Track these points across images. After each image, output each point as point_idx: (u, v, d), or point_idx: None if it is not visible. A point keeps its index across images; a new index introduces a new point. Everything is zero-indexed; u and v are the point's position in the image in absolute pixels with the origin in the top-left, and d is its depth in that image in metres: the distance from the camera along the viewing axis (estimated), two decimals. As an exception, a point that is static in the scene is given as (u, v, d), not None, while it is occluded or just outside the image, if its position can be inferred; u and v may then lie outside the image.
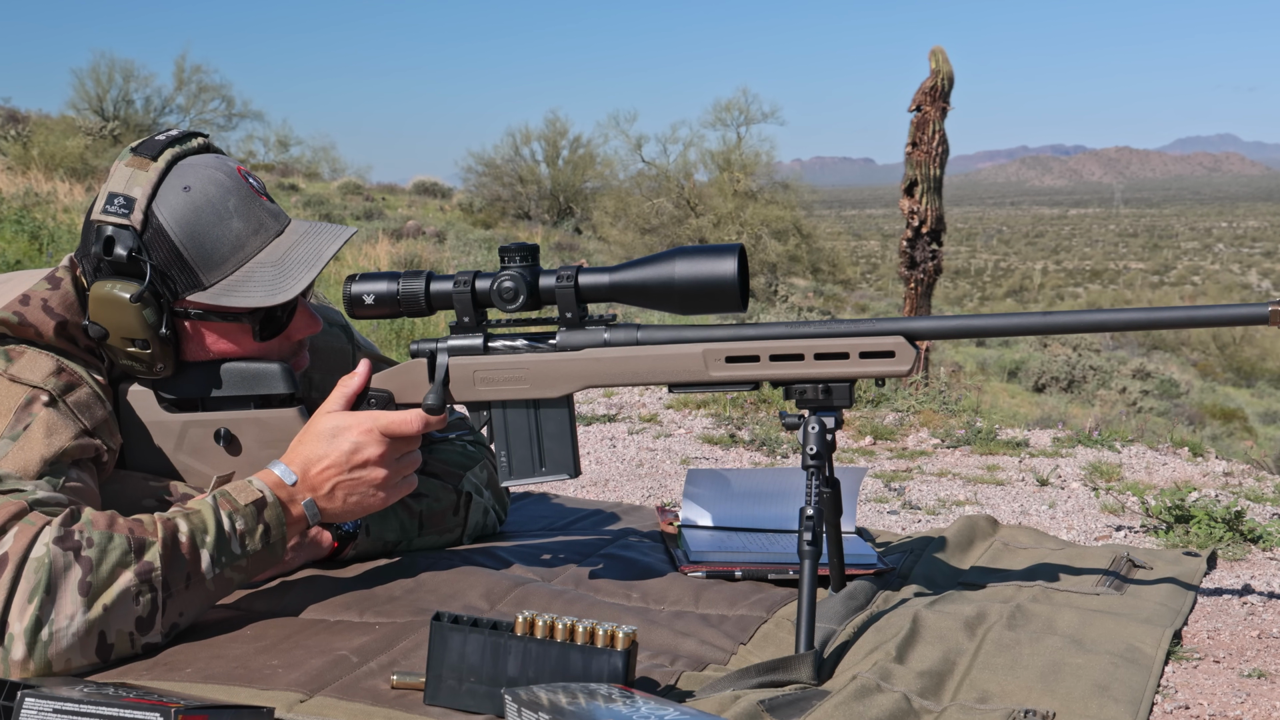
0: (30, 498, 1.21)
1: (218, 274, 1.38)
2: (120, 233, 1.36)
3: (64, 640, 1.16)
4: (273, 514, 1.32)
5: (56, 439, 1.28)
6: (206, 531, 1.26)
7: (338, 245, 1.41)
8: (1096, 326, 1.34)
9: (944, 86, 6.43)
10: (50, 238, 7.58)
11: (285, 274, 1.38)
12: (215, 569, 1.26)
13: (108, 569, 1.18)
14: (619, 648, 1.10)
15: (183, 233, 1.37)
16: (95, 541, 1.19)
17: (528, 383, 1.39)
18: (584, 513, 2.00)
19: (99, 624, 1.17)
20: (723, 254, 1.32)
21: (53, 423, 1.29)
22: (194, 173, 1.39)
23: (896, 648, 1.25)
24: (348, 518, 1.39)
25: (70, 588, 1.16)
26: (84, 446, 1.32)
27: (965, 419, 3.28)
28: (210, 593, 1.28)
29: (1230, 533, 2.00)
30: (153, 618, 1.22)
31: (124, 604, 1.19)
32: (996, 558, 1.75)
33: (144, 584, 1.20)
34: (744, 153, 20.46)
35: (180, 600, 1.24)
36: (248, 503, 1.30)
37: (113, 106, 22.48)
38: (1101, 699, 1.16)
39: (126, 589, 1.19)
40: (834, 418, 1.35)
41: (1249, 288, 40.28)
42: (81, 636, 1.16)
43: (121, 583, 1.19)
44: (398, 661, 1.22)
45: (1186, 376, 13.29)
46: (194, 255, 1.37)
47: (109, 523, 1.21)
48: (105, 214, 1.36)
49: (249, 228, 1.40)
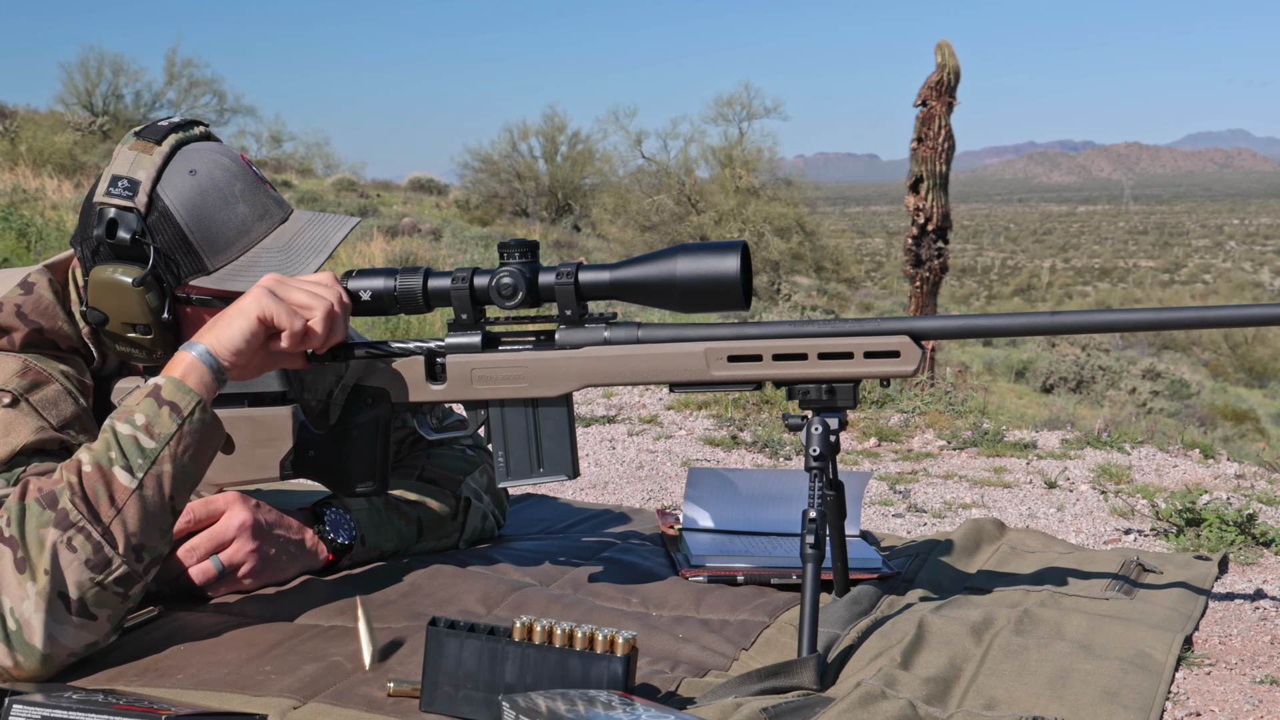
0: None
1: (223, 258, 1.37)
2: (124, 215, 1.34)
3: (32, 621, 1.14)
4: (170, 390, 1.23)
5: (14, 437, 1.27)
6: (109, 449, 1.21)
7: (344, 232, 1.40)
8: (1106, 327, 1.32)
9: (950, 81, 6.41)
10: (38, 235, 7.55)
11: (292, 259, 1.37)
12: (137, 475, 1.20)
13: (32, 537, 1.16)
14: (619, 653, 1.09)
15: (189, 216, 1.35)
16: (12, 518, 1.17)
17: (526, 381, 1.37)
18: (583, 515, 1.98)
19: (52, 588, 1.15)
20: (725, 251, 1.31)
21: (10, 421, 1.28)
22: (199, 157, 1.38)
23: (901, 653, 1.23)
24: (247, 366, 1.28)
25: (8, 571, 1.15)
26: (47, 440, 1.30)
27: (971, 420, 3.25)
28: (153, 499, 1.21)
29: (1242, 536, 1.98)
30: (101, 553, 1.17)
31: (63, 557, 1.16)
32: (1004, 562, 1.73)
33: (67, 529, 1.16)
34: (746, 148, 20.37)
35: (122, 523, 1.18)
36: (141, 398, 1.24)
37: (102, 101, 22.33)
38: (1111, 705, 1.15)
39: (54, 543, 1.16)
40: (838, 419, 1.33)
41: (1261, 286, 40.13)
42: (45, 609, 1.14)
43: (48, 540, 1.16)
44: (393, 667, 1.21)
45: (1197, 377, 13.24)
46: (199, 239, 1.35)
47: (21, 494, 1.19)
48: (109, 196, 1.35)
49: (254, 213, 1.39)
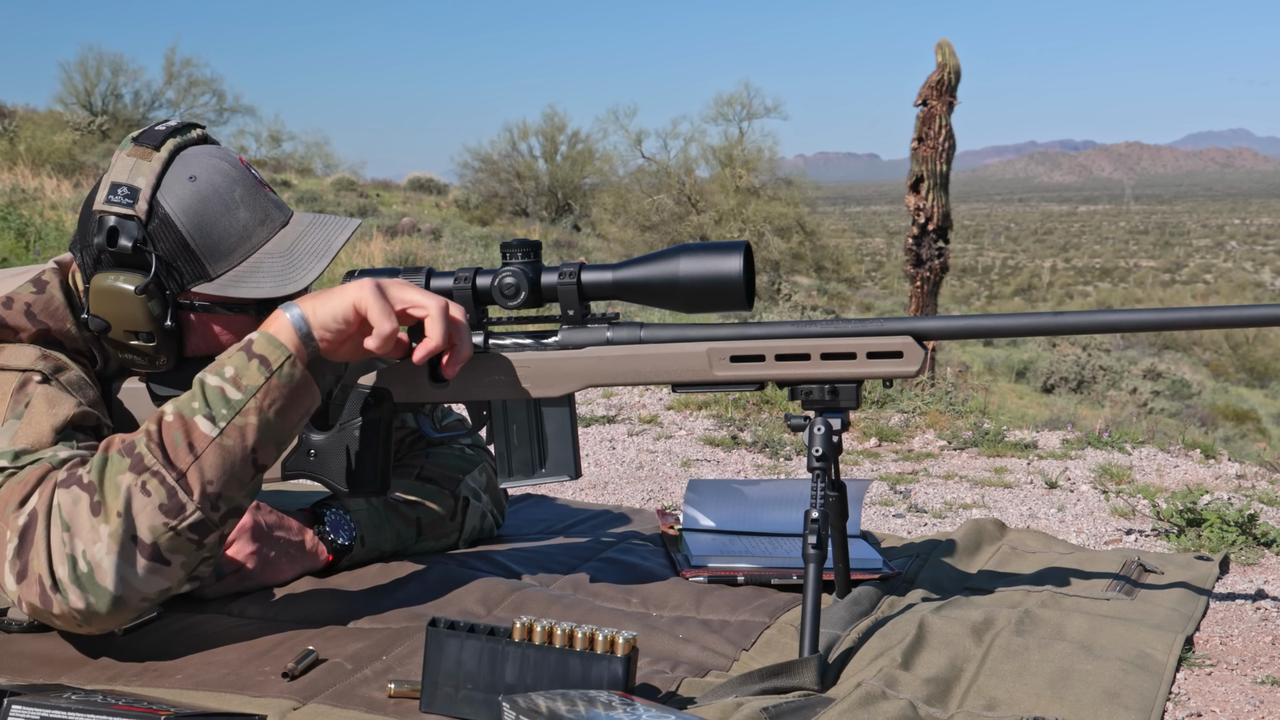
0: (53, 460, 1.21)
1: (225, 264, 1.36)
2: (124, 223, 1.34)
3: (103, 564, 1.14)
4: (262, 344, 1.23)
5: (60, 409, 1.28)
6: (194, 399, 1.21)
7: (346, 236, 1.40)
8: (1107, 327, 1.32)
9: (951, 80, 6.40)
10: (37, 235, 7.52)
11: (295, 264, 1.36)
12: (218, 424, 1.20)
13: (109, 482, 1.17)
14: (619, 654, 1.09)
15: (190, 222, 1.35)
16: (94, 466, 1.18)
17: (529, 381, 1.37)
18: (583, 516, 1.98)
19: (125, 531, 1.15)
20: (728, 251, 1.30)
21: (51, 395, 1.29)
22: (198, 162, 1.37)
23: (902, 654, 1.23)
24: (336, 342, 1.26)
25: (83, 515, 1.16)
26: (86, 414, 1.31)
27: (972, 420, 3.25)
28: (234, 448, 1.20)
29: (1243, 536, 1.97)
30: (175, 499, 1.17)
31: (135, 501, 1.16)
32: (1004, 562, 1.73)
33: (142, 473, 1.17)
34: (746, 148, 20.32)
35: (198, 470, 1.18)
36: (233, 353, 1.24)
37: (101, 101, 22.24)
38: (1112, 706, 1.15)
39: (129, 487, 1.17)
40: (840, 419, 1.33)
41: (1262, 286, 40.09)
42: (117, 552, 1.15)
43: (123, 484, 1.17)
44: (392, 668, 1.21)
45: (1198, 377, 13.23)
46: (201, 245, 1.35)
47: (104, 447, 1.21)
48: (109, 204, 1.34)
49: (255, 218, 1.38)
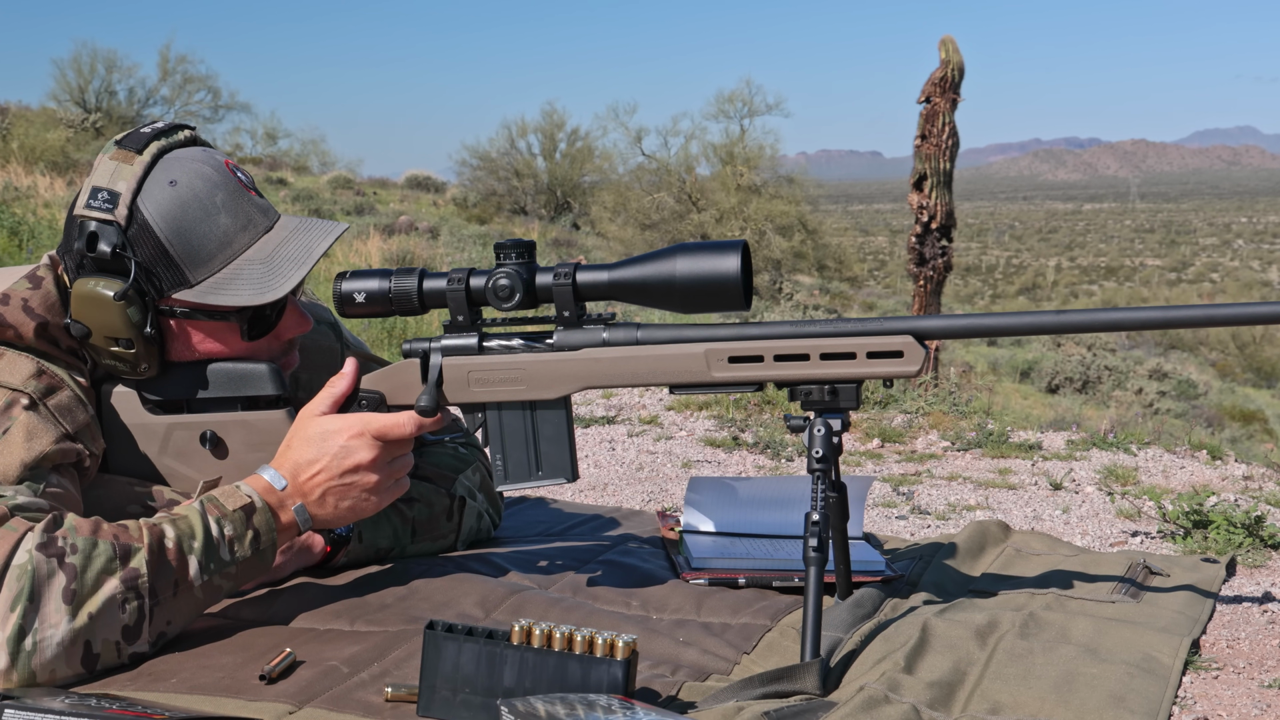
0: (10, 503, 1.19)
1: (204, 271, 1.35)
2: (104, 228, 1.33)
3: (48, 650, 1.13)
4: (262, 519, 1.29)
5: (37, 443, 1.26)
6: (194, 537, 1.24)
7: (329, 242, 1.38)
8: (1112, 326, 1.31)
9: (954, 77, 6.38)
10: (30, 233, 7.49)
11: (274, 272, 1.35)
12: (204, 575, 1.24)
13: (93, 576, 1.15)
14: (619, 657, 1.08)
15: (169, 229, 1.34)
16: (79, 548, 1.16)
17: (524, 384, 1.36)
18: (582, 518, 1.97)
19: (84, 633, 1.15)
20: (725, 250, 1.29)
21: (33, 426, 1.26)
22: (180, 167, 1.36)
23: (905, 657, 1.22)
24: (339, 523, 1.36)
25: (54, 595, 1.14)
26: (65, 451, 1.29)
27: (976, 421, 3.23)
28: (198, 600, 1.25)
29: (1250, 538, 1.96)
30: (139, 626, 1.19)
31: (110, 612, 1.16)
32: (1008, 564, 1.72)
33: (130, 591, 1.18)
34: (747, 146, 20.27)
35: (168, 608, 1.22)
36: (236, 508, 1.28)
37: (95, 98, 22.12)
38: (1117, 710, 1.14)
39: (112, 596, 1.16)
40: (840, 420, 1.32)
41: (1269, 284, 39.99)
42: (67, 646, 1.14)
43: (107, 590, 1.16)
44: (390, 672, 1.20)
45: (1205, 377, 13.20)
46: (180, 252, 1.34)
47: (93, 529, 1.19)
48: (89, 209, 1.33)
49: (237, 224, 1.37)
